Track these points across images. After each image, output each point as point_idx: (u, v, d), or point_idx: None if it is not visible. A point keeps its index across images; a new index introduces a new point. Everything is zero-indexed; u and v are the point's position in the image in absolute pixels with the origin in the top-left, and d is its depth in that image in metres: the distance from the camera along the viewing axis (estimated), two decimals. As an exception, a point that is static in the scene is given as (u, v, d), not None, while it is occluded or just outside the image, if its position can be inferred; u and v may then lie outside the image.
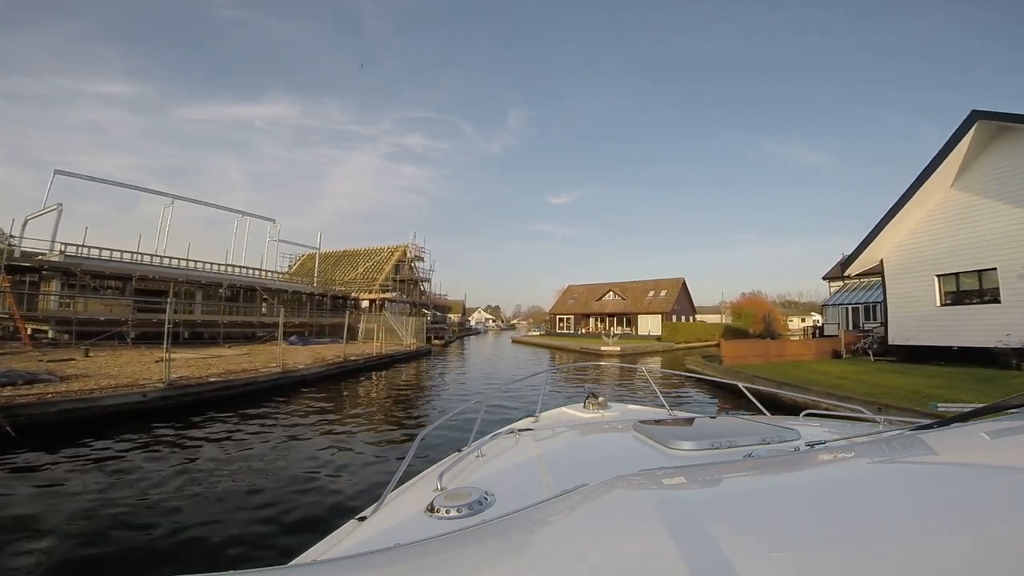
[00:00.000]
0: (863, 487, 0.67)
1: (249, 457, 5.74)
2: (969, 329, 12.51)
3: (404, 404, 10.31)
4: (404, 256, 34.78)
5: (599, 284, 48.31)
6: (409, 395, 11.63)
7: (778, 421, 1.75)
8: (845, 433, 1.43)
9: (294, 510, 4.17)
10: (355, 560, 0.63)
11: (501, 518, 0.71)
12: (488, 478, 1.35)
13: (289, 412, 8.64)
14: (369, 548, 0.70)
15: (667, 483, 0.80)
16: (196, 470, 5.19)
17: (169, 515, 4.00)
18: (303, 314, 26.08)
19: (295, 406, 9.25)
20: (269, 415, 8.21)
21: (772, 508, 0.60)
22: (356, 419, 8.18)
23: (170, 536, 3.65)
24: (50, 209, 20.15)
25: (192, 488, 4.61)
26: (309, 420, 7.95)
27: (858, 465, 0.86)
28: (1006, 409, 0.97)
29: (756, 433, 1.44)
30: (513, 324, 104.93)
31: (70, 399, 7.07)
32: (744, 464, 1.03)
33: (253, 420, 7.69)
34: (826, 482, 0.75)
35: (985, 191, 12.37)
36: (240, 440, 6.47)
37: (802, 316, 72.97)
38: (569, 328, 46.46)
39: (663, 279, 44.53)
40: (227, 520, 3.93)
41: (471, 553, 0.60)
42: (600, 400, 2.45)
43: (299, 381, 12.17)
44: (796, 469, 0.85)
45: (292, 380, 11.96)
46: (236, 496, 4.44)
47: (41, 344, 15.16)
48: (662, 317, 40.52)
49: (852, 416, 1.95)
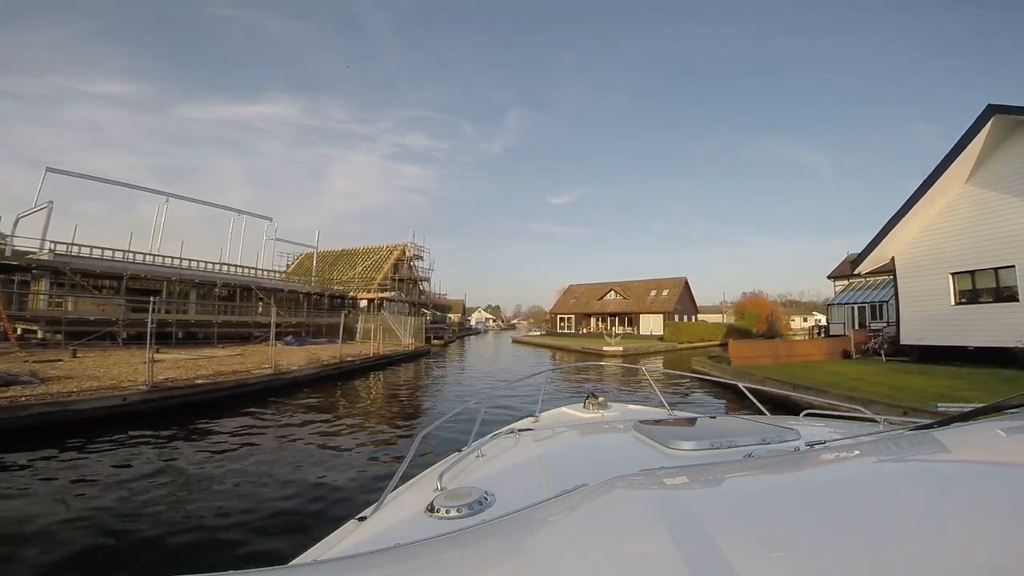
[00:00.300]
0: (863, 487, 0.67)
1: (226, 472, 5.24)
2: (985, 328, 12.09)
3: (399, 408, 9.90)
4: (403, 255, 34.30)
5: (600, 283, 47.90)
6: (405, 398, 11.22)
7: (778, 421, 1.74)
8: (845, 433, 1.42)
9: (265, 536, 3.74)
10: (355, 560, 0.63)
11: (501, 518, 0.71)
12: (488, 478, 1.34)
13: (278, 416, 8.22)
14: (369, 548, 0.69)
15: (667, 483, 0.79)
16: (161, 483, 4.74)
17: (110, 535, 3.57)
18: (300, 314, 25.67)
19: (286, 410, 8.83)
20: (256, 420, 7.80)
21: (772, 508, 0.60)
22: (349, 427, 7.76)
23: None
24: (41, 207, 19.78)
25: (153, 507, 4.16)
26: (299, 425, 7.54)
27: (858, 465, 0.86)
28: (1006, 409, 0.97)
29: (756, 433, 1.43)
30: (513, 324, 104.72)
31: (44, 402, 6.66)
32: (744, 464, 1.02)
33: (238, 425, 7.27)
34: (826, 482, 0.75)
35: (1002, 187, 11.94)
36: (220, 450, 6.05)
37: (804, 316, 74.17)
38: (570, 328, 46.04)
39: (665, 278, 44.10)
40: (190, 543, 3.52)
41: (471, 553, 0.59)
42: (600, 400, 2.43)
43: (291, 383, 11.76)
44: (796, 469, 0.84)
45: (284, 382, 11.55)
46: (204, 516, 4.02)
47: (30, 344, 14.78)
48: (664, 317, 40.11)
49: (852, 416, 1.94)
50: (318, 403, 9.87)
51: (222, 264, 24.93)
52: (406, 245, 34.56)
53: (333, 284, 32.11)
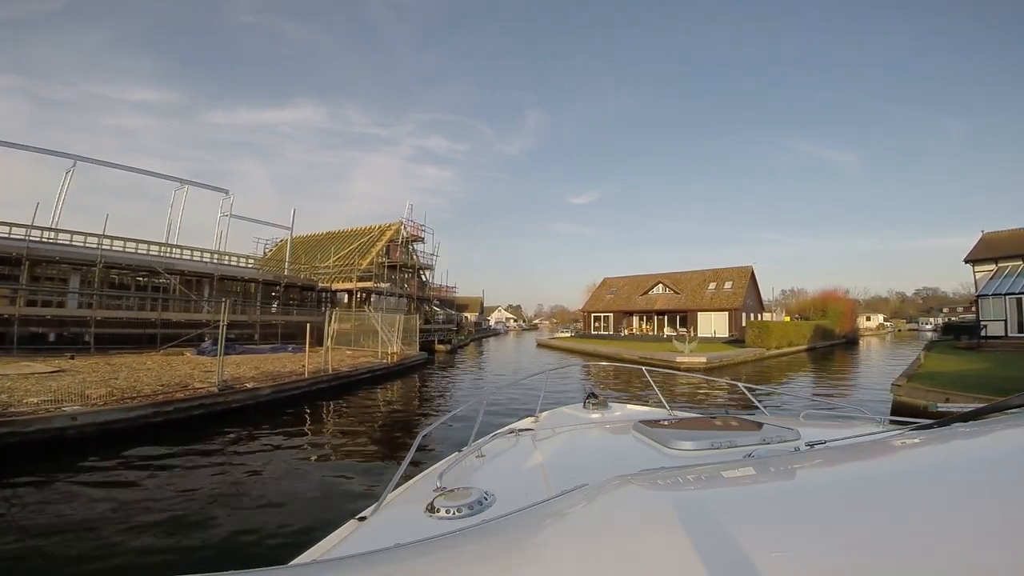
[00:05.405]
0: (863, 487, 0.66)
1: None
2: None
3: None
4: (397, 235, 26.87)
5: (644, 275, 39.70)
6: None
7: (778, 421, 1.73)
8: (845, 433, 1.41)
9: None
10: (355, 560, 0.62)
11: (501, 518, 0.71)
12: (488, 478, 1.36)
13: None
14: (369, 548, 0.67)
15: (667, 483, 0.77)
16: None
17: None
18: (249, 309, 18.73)
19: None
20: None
21: (772, 508, 0.60)
22: None
23: None
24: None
25: None
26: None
27: (858, 465, 0.85)
28: (1006, 409, 0.96)
29: (756, 433, 1.44)
30: (535, 324, 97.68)
31: None
32: (744, 464, 0.99)
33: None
34: (826, 482, 0.75)
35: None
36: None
37: (866, 315, 67.70)
38: (607, 328, 38.06)
39: (726, 268, 35.63)
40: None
41: (471, 553, 0.59)
42: (600, 400, 2.42)
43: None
44: (796, 469, 0.83)
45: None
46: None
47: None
48: (729, 315, 31.82)
49: (852, 416, 2.02)
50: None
51: (107, 236, 17.57)
52: (401, 223, 27.07)
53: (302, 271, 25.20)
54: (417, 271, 28.35)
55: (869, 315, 70.65)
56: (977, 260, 25.70)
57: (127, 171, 21.23)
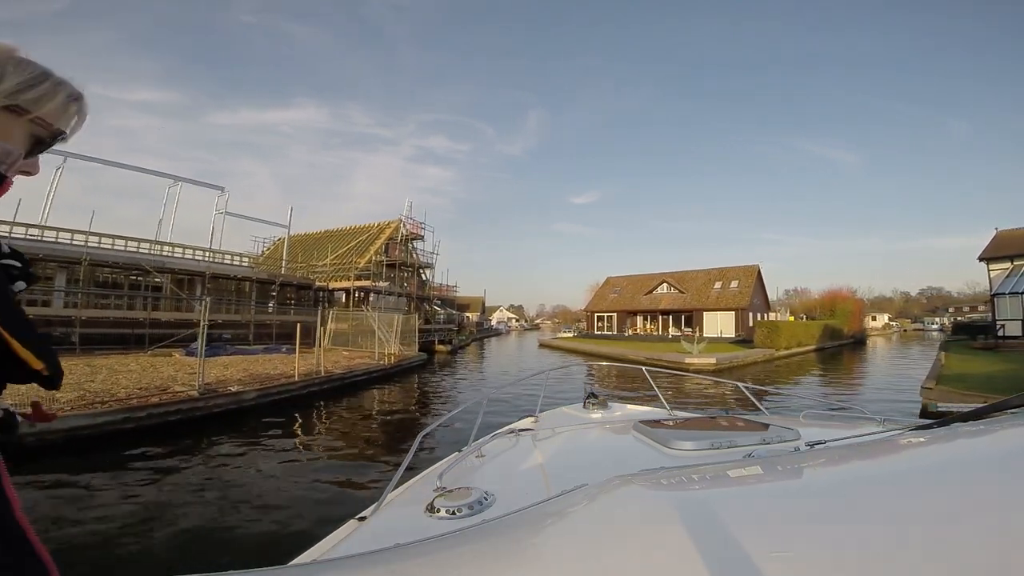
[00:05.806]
0: (863, 487, 0.65)
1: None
2: None
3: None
4: (396, 233, 26.33)
5: (648, 275, 39.10)
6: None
7: (778, 421, 1.72)
8: (845, 433, 1.37)
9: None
10: (355, 560, 0.62)
11: (501, 518, 0.71)
12: (488, 478, 1.34)
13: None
14: (369, 548, 0.66)
15: (667, 483, 0.77)
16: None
17: None
18: (244, 308, 18.21)
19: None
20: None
21: (772, 508, 0.59)
22: None
23: None
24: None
25: None
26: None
27: (858, 465, 0.84)
28: (1006, 409, 0.95)
29: (756, 433, 1.43)
30: (537, 324, 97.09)
31: None
32: (745, 464, 0.98)
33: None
34: (827, 482, 0.74)
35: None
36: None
37: (871, 315, 67.65)
38: (611, 328, 37.48)
39: (732, 267, 35.01)
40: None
41: (471, 553, 0.59)
42: (600, 400, 2.41)
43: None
44: (796, 469, 0.83)
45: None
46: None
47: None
48: (736, 314, 31.21)
49: (852, 416, 2.06)
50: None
51: (95, 234, 16.99)
52: (400, 220, 26.53)
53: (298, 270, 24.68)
54: (417, 270, 27.81)
55: (874, 315, 70.04)
56: (992, 258, 24.98)
57: (119, 168, 20.81)
